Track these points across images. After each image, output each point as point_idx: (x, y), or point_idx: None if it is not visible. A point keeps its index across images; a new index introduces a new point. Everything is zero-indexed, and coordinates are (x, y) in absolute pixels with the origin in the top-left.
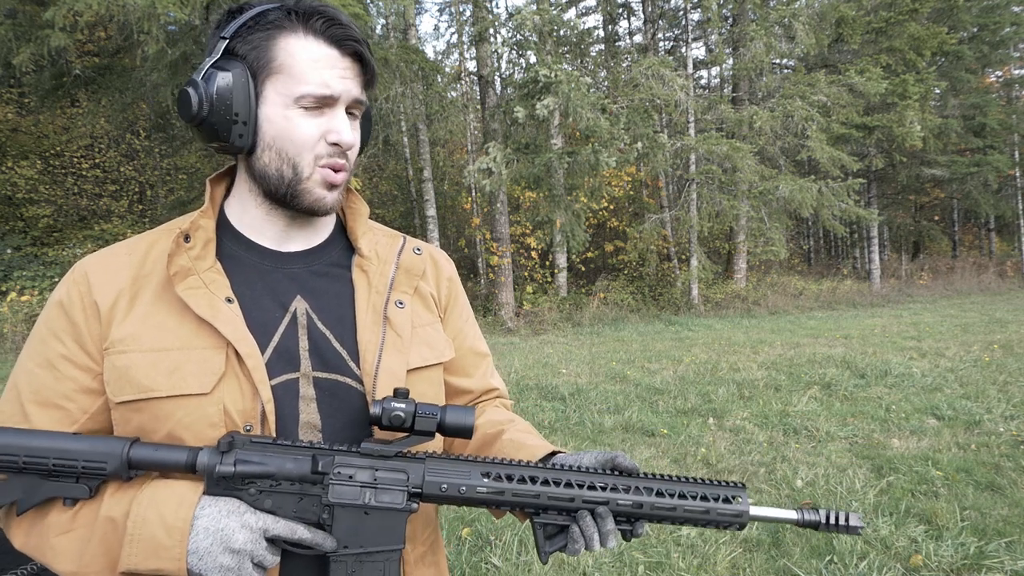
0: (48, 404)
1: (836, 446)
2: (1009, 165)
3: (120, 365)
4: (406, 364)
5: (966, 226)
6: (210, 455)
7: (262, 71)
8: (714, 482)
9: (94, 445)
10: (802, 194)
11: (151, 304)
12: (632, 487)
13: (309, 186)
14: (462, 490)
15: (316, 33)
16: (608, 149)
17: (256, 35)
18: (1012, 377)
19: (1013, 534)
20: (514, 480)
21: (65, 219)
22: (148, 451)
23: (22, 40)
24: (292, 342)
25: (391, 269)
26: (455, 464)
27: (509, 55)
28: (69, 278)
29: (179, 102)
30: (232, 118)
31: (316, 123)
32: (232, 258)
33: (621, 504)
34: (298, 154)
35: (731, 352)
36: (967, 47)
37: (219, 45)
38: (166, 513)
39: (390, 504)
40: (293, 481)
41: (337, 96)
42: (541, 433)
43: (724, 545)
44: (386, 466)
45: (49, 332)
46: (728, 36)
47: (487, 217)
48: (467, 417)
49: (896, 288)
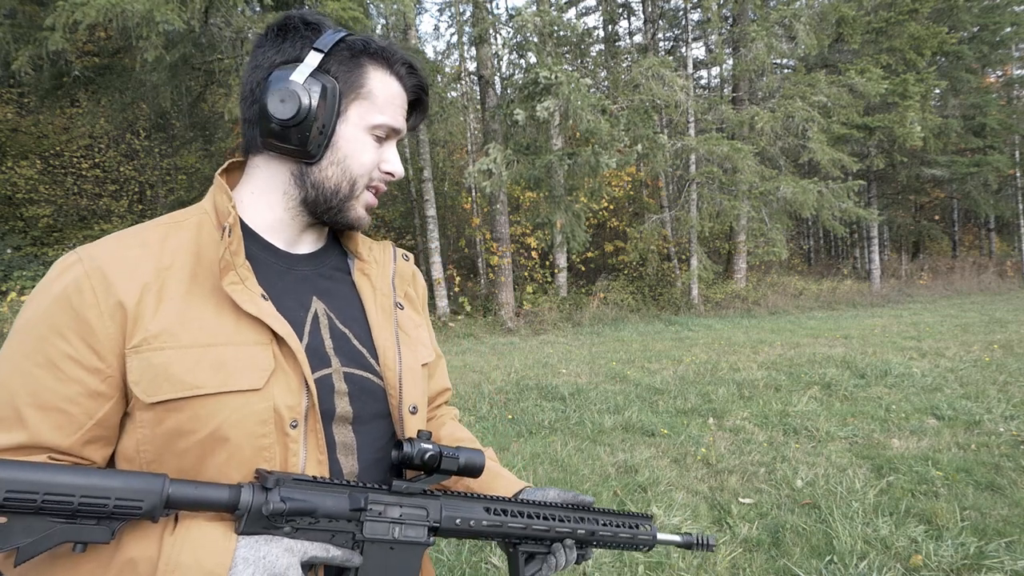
0: (50, 408)
1: (836, 446)
2: (1009, 165)
3: (157, 363)
4: (418, 360)
5: (966, 226)
6: (254, 495)
7: (350, 92)
8: (631, 514)
9: (128, 481)
10: (803, 195)
11: (183, 299)
12: (586, 519)
13: (355, 204)
14: (471, 524)
15: (397, 73)
16: (608, 150)
17: (349, 58)
18: (1012, 377)
19: (1013, 534)
20: (508, 514)
21: (65, 219)
22: (188, 488)
23: (21, 42)
24: (318, 340)
25: (390, 272)
26: (463, 500)
27: (509, 56)
28: (73, 270)
29: (281, 100)
30: (319, 128)
31: (378, 151)
32: (252, 257)
33: (580, 533)
34: (360, 175)
35: (731, 352)
36: (967, 47)
37: (311, 55)
38: (203, 558)
39: (414, 539)
40: (331, 518)
41: (402, 131)
42: (541, 433)
43: (724, 545)
44: (410, 503)
45: (51, 329)
46: (728, 36)
47: (487, 217)
48: (479, 458)
49: (896, 288)
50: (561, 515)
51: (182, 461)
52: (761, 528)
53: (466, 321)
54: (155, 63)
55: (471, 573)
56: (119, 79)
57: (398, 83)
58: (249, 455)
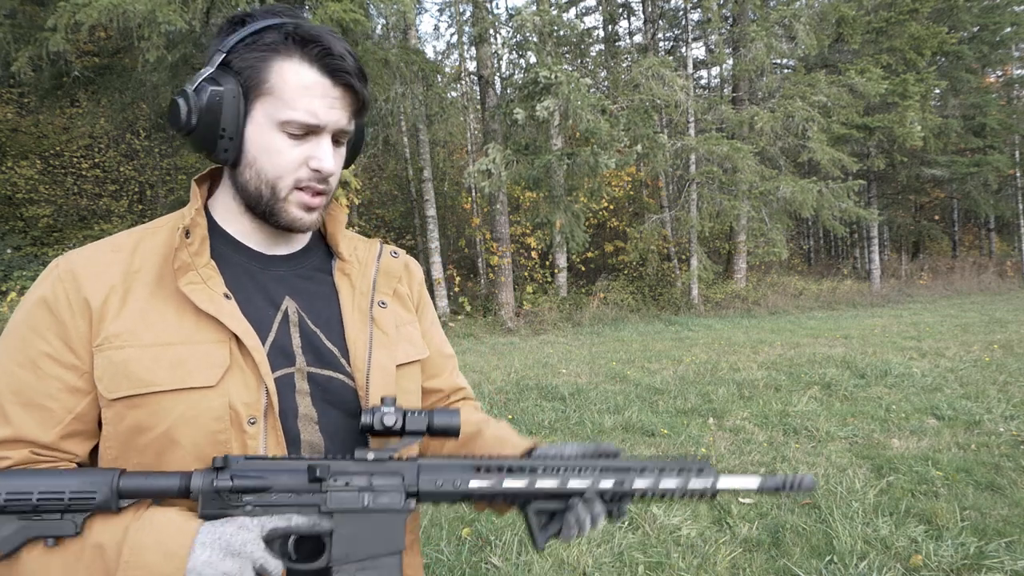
0: (31, 404)
1: (836, 446)
2: (1009, 165)
3: (117, 360)
4: (394, 360)
5: (966, 226)
6: (204, 476)
7: (253, 90)
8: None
9: (82, 477)
10: (803, 195)
11: (146, 300)
12: (613, 468)
13: (286, 206)
14: (456, 484)
15: (311, 60)
16: (608, 150)
17: (253, 53)
18: (1012, 377)
19: (1013, 534)
20: (504, 472)
21: (65, 219)
22: (138, 479)
23: (22, 42)
24: (286, 339)
25: (372, 272)
26: (447, 462)
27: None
28: (51, 275)
29: (169, 111)
30: (219, 132)
31: (300, 149)
32: (222, 257)
33: (604, 486)
34: (278, 177)
35: (731, 352)
36: (967, 47)
37: (216, 58)
38: (164, 539)
39: (389, 505)
40: (291, 492)
41: (323, 126)
42: (541, 433)
43: (724, 545)
44: (381, 470)
45: (30, 330)
46: (728, 36)
47: (487, 217)
48: (453, 418)
49: (896, 288)
50: (578, 467)
51: (143, 456)
52: (761, 528)
53: (466, 321)
54: (156, 63)
55: (471, 573)
56: (119, 79)
57: (316, 72)
58: (208, 451)
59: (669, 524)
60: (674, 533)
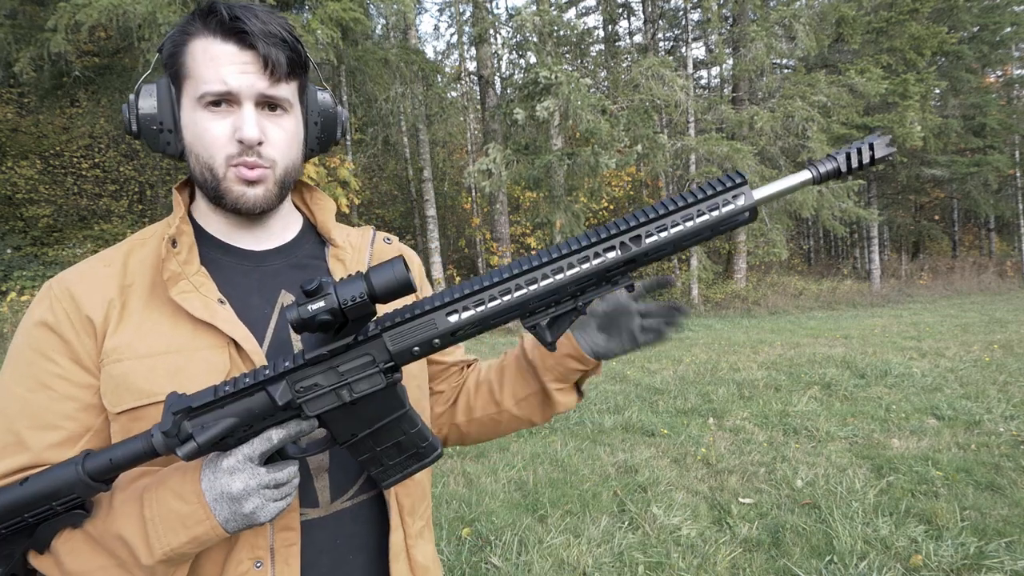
0: (48, 427)
1: (836, 446)
2: (1009, 165)
3: (117, 374)
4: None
5: (966, 226)
6: (165, 440)
7: (176, 80)
8: (700, 191)
9: (48, 482)
10: (803, 195)
11: (141, 312)
12: (617, 229)
13: (228, 185)
14: (435, 343)
15: (214, 31)
16: (608, 150)
17: (174, 45)
18: (1012, 377)
19: (1013, 534)
20: (483, 304)
21: (65, 219)
22: (103, 457)
23: (22, 42)
24: (285, 334)
25: (366, 256)
26: (414, 322)
27: (509, 56)
28: (47, 296)
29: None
30: (158, 127)
31: (225, 123)
32: (213, 262)
33: (611, 259)
34: (211, 156)
35: (731, 352)
36: (967, 47)
37: (155, 59)
38: (173, 484)
39: (371, 389)
40: (264, 417)
41: (235, 91)
42: (541, 433)
43: (724, 545)
44: (347, 359)
45: (36, 353)
46: (728, 36)
47: (487, 217)
48: (395, 268)
49: (896, 288)
50: (569, 259)
51: (151, 465)
52: (761, 528)
53: None
54: (156, 63)
55: (471, 573)
56: (119, 79)
57: (221, 40)
58: None
59: (669, 524)
60: (674, 533)
